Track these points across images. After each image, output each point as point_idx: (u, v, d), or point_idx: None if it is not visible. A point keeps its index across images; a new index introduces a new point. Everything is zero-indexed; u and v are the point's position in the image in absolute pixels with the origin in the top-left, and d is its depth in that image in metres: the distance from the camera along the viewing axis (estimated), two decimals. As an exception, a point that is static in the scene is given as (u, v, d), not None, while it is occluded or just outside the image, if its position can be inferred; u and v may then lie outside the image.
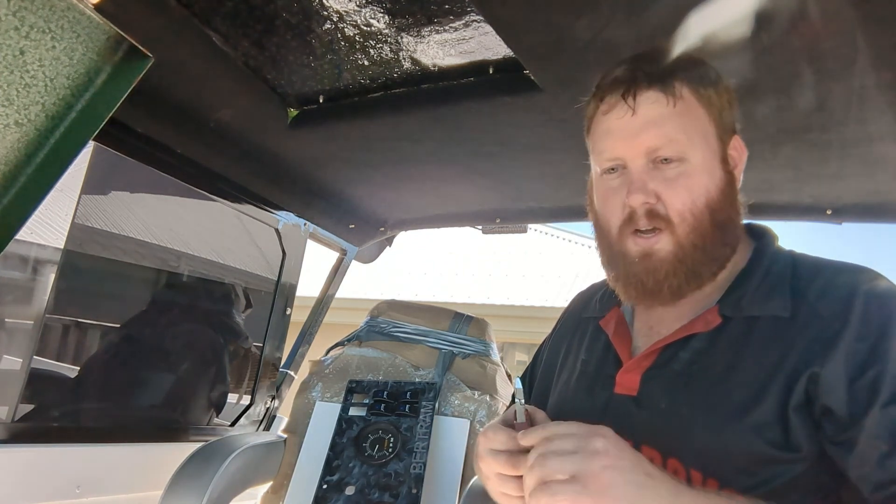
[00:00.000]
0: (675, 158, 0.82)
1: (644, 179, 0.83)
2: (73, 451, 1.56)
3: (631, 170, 0.84)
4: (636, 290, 0.86)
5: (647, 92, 0.83)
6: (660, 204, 0.82)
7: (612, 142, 0.86)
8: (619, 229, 0.86)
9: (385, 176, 1.84)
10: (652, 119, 0.83)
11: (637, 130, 0.83)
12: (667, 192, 0.82)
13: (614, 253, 0.87)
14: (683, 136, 0.82)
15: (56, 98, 0.87)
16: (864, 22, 0.94)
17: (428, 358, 1.99)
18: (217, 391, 2.10)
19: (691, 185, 0.82)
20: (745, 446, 0.75)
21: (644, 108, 0.83)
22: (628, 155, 0.84)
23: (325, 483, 1.71)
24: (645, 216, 0.83)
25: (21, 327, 1.61)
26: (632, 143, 0.83)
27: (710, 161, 0.84)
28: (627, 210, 0.84)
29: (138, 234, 1.85)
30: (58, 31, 0.84)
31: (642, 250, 0.83)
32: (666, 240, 0.82)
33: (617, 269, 0.88)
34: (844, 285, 0.79)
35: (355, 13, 1.16)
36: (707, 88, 0.85)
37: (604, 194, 0.89)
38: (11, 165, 0.86)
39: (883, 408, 0.70)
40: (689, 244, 0.82)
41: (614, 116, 0.85)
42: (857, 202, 1.60)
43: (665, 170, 0.82)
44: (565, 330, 1.09)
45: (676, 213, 0.82)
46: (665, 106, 0.83)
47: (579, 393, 0.94)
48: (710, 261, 0.84)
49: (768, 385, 0.76)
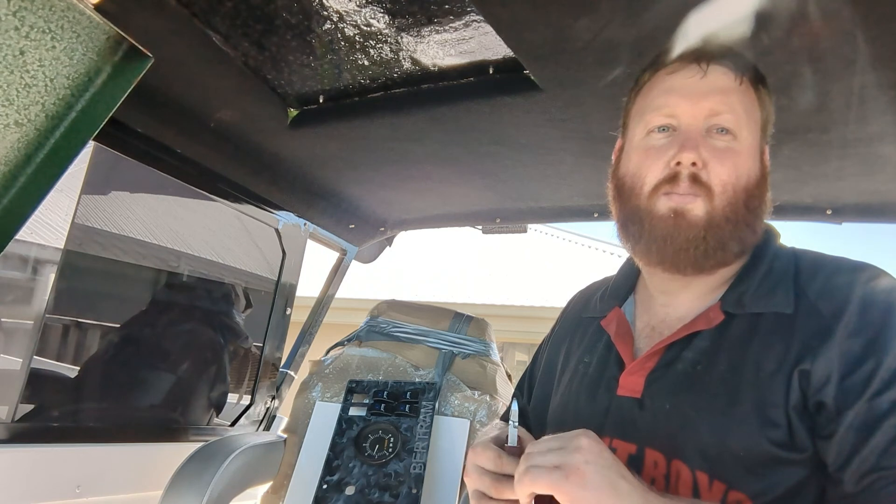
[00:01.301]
0: (730, 130, 0.83)
1: (698, 140, 0.82)
2: (73, 451, 1.56)
3: (685, 130, 0.84)
4: (659, 250, 0.84)
5: (719, 65, 0.85)
6: (704, 171, 0.82)
7: (674, 98, 0.85)
8: (654, 187, 0.84)
9: (385, 176, 1.84)
10: (720, 86, 0.84)
11: (704, 92, 0.84)
12: (714, 161, 0.82)
13: (641, 211, 0.85)
14: (743, 112, 0.84)
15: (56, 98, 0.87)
16: (864, 22, 0.94)
17: (428, 358, 1.99)
18: (217, 391, 2.10)
19: (738, 162, 0.83)
20: (751, 447, 0.74)
21: (714, 76, 0.84)
22: (689, 113, 0.84)
23: (325, 483, 1.71)
24: (688, 179, 0.82)
25: (21, 327, 1.61)
26: (695, 103, 0.83)
27: (755, 148, 0.85)
28: (670, 170, 0.83)
29: (138, 234, 1.85)
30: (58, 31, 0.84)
31: (676, 207, 0.82)
32: (701, 205, 0.82)
33: (641, 227, 0.86)
34: (844, 282, 0.79)
35: (355, 13, 1.16)
36: (763, 88, 0.88)
37: (644, 152, 0.86)
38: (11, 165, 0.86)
39: (869, 400, 0.71)
40: (721, 216, 0.82)
41: (682, 76, 0.86)
42: (856, 202, 1.60)
43: (717, 139, 0.83)
44: (564, 331, 1.09)
45: (720, 182, 0.81)
46: (733, 80, 0.84)
47: (581, 395, 0.94)
48: (737, 239, 0.83)
49: (772, 383, 0.76)
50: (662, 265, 0.87)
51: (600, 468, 0.70)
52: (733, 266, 0.87)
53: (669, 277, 0.89)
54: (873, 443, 0.69)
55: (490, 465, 0.82)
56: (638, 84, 0.92)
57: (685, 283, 0.89)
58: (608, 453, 0.73)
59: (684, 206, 0.82)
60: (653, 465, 0.81)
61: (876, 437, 0.69)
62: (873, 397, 0.70)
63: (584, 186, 1.74)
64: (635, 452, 0.83)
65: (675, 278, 0.88)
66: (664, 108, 0.86)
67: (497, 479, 0.81)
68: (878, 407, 0.70)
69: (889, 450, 0.69)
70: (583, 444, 0.72)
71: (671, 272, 0.87)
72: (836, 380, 0.72)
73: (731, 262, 0.86)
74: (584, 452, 0.71)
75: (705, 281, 0.88)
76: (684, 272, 0.86)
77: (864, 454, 0.70)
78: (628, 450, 0.84)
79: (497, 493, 0.80)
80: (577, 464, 0.70)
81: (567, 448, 0.72)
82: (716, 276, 0.87)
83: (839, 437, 0.71)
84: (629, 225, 0.88)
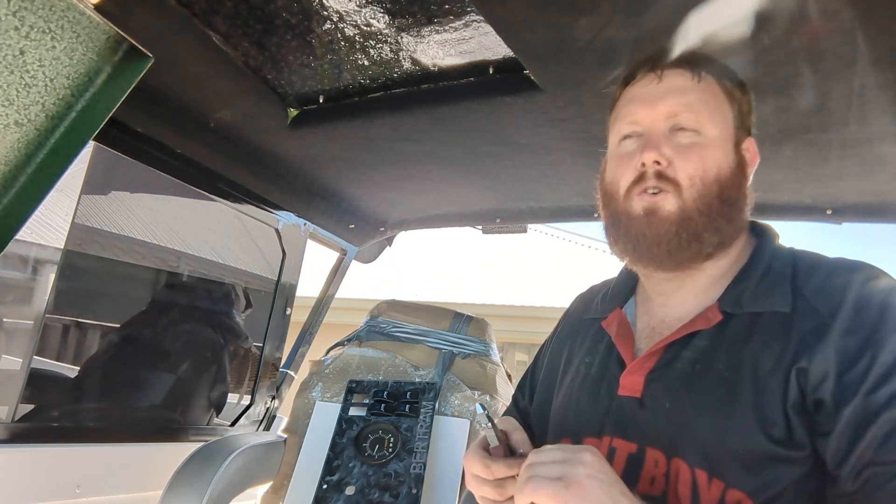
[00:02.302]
0: (691, 128, 0.85)
1: (659, 140, 0.85)
2: (73, 451, 1.56)
3: (647, 133, 0.87)
4: (635, 247, 0.87)
5: (676, 68, 0.88)
6: (670, 168, 0.84)
7: (634, 106, 0.89)
8: (627, 189, 0.87)
9: (385, 176, 1.84)
10: (676, 87, 0.87)
11: (660, 95, 0.87)
12: (679, 158, 0.84)
13: (619, 212, 0.89)
14: (704, 108, 0.85)
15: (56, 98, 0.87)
16: (864, 22, 0.94)
17: (428, 358, 1.99)
18: (217, 391, 2.10)
19: (704, 155, 0.84)
20: (750, 445, 0.75)
21: (670, 79, 0.87)
22: (648, 117, 0.87)
23: (325, 483, 1.71)
24: (654, 176, 0.84)
25: (21, 327, 1.61)
26: (653, 107, 0.87)
27: (725, 141, 0.87)
28: (638, 172, 0.86)
29: (138, 234, 1.85)
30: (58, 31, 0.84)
31: (647, 206, 0.85)
32: (671, 200, 0.84)
33: (619, 228, 0.89)
34: (840, 282, 0.79)
35: (355, 13, 1.16)
36: (730, 82, 0.89)
37: (618, 160, 0.90)
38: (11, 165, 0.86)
39: (865, 395, 0.71)
40: (693, 209, 0.83)
41: (640, 85, 0.89)
42: (856, 202, 1.60)
43: (681, 137, 0.85)
44: (566, 332, 1.09)
45: (687, 176, 0.83)
46: (690, 80, 0.87)
47: (583, 396, 0.94)
48: (714, 230, 0.85)
49: (770, 382, 0.76)
50: (641, 262, 0.90)
51: (602, 483, 0.71)
52: (728, 264, 0.88)
53: (662, 277, 0.90)
54: (869, 438, 0.70)
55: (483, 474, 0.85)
56: (613, 99, 0.96)
57: (679, 283, 0.89)
58: (610, 470, 0.74)
59: (655, 205, 0.84)
60: (653, 464, 0.81)
61: (872, 432, 0.70)
62: (869, 393, 0.71)
63: (584, 186, 1.74)
64: (636, 452, 0.83)
65: (668, 277, 0.90)
66: (628, 116, 0.90)
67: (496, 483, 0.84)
68: (875, 402, 0.70)
69: (885, 444, 0.69)
70: (586, 458, 0.73)
71: (653, 269, 0.90)
72: (833, 377, 0.73)
73: (714, 256, 0.87)
74: (587, 466, 0.72)
75: (698, 279, 0.88)
76: (665, 267, 0.88)
77: (860, 449, 0.70)
78: (629, 449, 0.84)
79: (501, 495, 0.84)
80: (579, 477, 0.71)
81: (570, 461, 0.73)
82: (708, 273, 0.88)
83: (837, 433, 0.72)
84: (610, 227, 0.91)
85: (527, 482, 0.73)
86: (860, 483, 0.70)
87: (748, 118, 0.91)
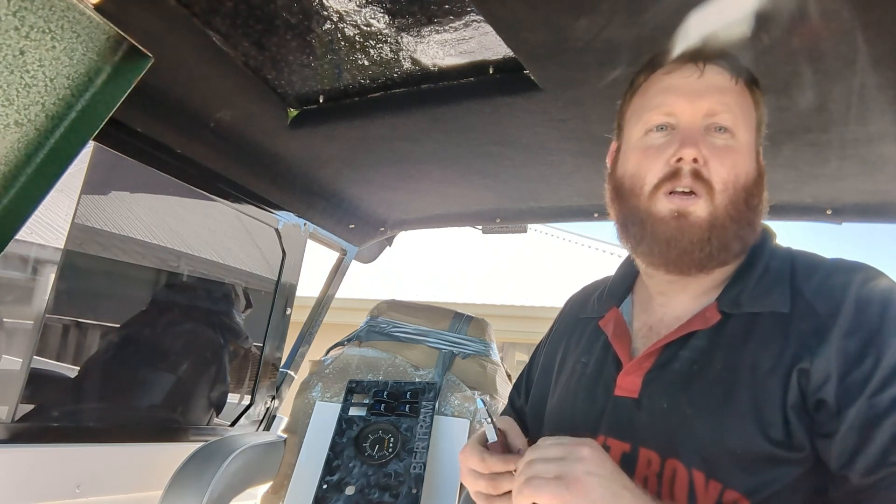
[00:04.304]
0: (728, 129, 0.83)
1: (697, 137, 0.82)
2: (73, 451, 1.56)
3: (685, 128, 0.84)
4: (661, 252, 0.84)
5: (716, 65, 0.85)
6: (705, 168, 0.82)
7: (672, 97, 0.85)
8: (655, 186, 0.84)
9: (385, 176, 1.84)
10: (717, 85, 0.84)
11: (701, 91, 0.84)
12: (714, 159, 0.82)
13: (641, 212, 0.85)
14: (739, 111, 0.84)
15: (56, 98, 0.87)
16: (864, 22, 0.94)
17: (428, 358, 1.99)
18: (217, 391, 2.10)
19: (736, 160, 0.83)
20: (748, 445, 0.74)
21: (711, 75, 0.85)
22: (687, 111, 0.84)
23: (325, 483, 1.71)
24: (690, 175, 0.81)
25: (21, 327, 1.61)
26: (693, 102, 0.84)
27: (752, 148, 0.86)
28: (670, 168, 0.82)
29: (138, 234, 1.85)
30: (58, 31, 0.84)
31: (677, 209, 0.81)
32: (703, 205, 0.81)
33: (642, 229, 0.85)
34: (840, 282, 0.79)
35: (355, 13, 1.16)
36: (757, 90, 0.88)
37: (643, 151, 0.86)
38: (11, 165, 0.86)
39: (869, 398, 0.71)
40: (724, 215, 0.81)
41: (679, 76, 0.86)
42: (856, 202, 1.60)
43: (716, 138, 0.83)
44: (562, 332, 1.09)
45: (720, 180, 0.81)
46: (729, 80, 0.85)
47: (579, 395, 0.94)
48: (740, 238, 0.84)
49: (769, 382, 0.76)
50: (666, 267, 0.86)
51: (603, 479, 0.70)
52: (730, 266, 0.87)
53: (670, 279, 0.89)
54: (878, 440, 0.69)
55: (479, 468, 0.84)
56: (633, 86, 0.92)
57: (684, 285, 0.89)
58: (611, 463, 0.73)
59: (686, 208, 0.81)
60: (646, 464, 0.81)
61: (879, 435, 0.69)
62: (873, 395, 0.71)
63: (584, 186, 1.74)
64: (629, 451, 0.83)
65: (676, 279, 0.88)
66: (662, 106, 0.85)
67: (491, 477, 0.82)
68: (880, 404, 0.70)
69: (894, 446, 0.69)
70: (585, 453, 0.72)
71: (674, 274, 0.87)
72: (835, 378, 0.73)
73: (731, 262, 0.86)
74: (586, 462, 0.71)
75: (702, 282, 0.88)
76: (688, 273, 0.86)
77: (868, 451, 0.70)
78: (622, 448, 0.84)
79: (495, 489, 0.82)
80: (578, 474, 0.70)
81: (569, 458, 0.72)
82: (713, 276, 0.87)
83: (841, 435, 0.71)
84: (629, 226, 0.88)
85: (526, 483, 0.72)
86: (869, 484, 0.70)
87: (763, 128, 0.90)
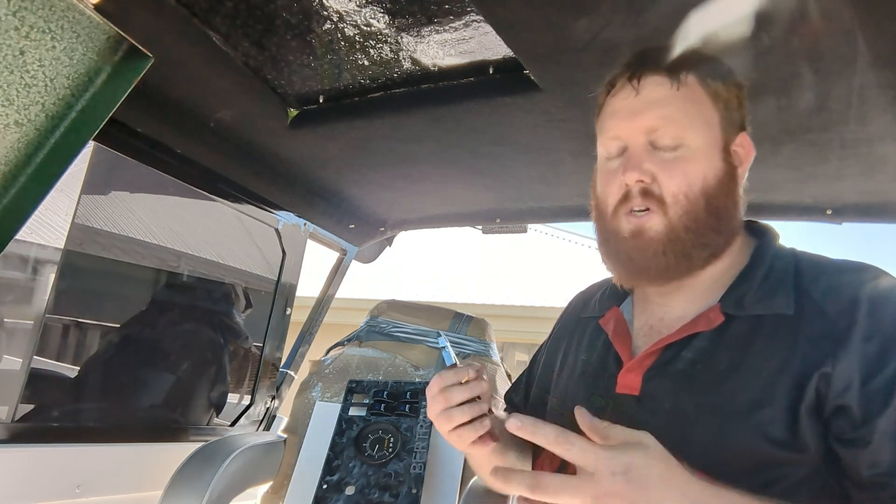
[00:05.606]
0: (672, 144, 0.83)
1: (641, 158, 0.84)
2: (73, 451, 1.56)
3: (630, 150, 0.86)
4: (625, 267, 0.88)
5: (653, 76, 0.85)
6: (655, 184, 0.83)
7: (614, 121, 0.87)
8: (615, 209, 0.87)
9: (385, 176, 1.84)
10: (654, 100, 0.84)
11: (638, 110, 0.85)
12: (662, 174, 0.83)
13: (608, 232, 0.89)
14: (685, 118, 0.83)
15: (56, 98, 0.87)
16: (864, 22, 0.94)
17: (428, 358, 1.99)
18: (217, 391, 2.10)
19: (688, 169, 0.83)
20: (750, 447, 0.74)
21: (647, 90, 0.85)
22: (628, 134, 0.86)
23: (325, 483, 1.71)
24: (639, 195, 0.84)
25: (21, 327, 1.61)
26: (632, 123, 0.85)
27: (711, 149, 0.84)
28: (623, 189, 0.85)
29: (138, 234, 1.85)
30: (58, 31, 0.84)
31: (634, 228, 0.84)
32: (657, 220, 0.83)
33: (609, 248, 0.90)
34: (849, 283, 0.79)
35: (355, 13, 1.16)
36: (714, 80, 0.86)
37: (605, 178, 0.90)
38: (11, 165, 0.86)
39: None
40: (680, 226, 0.83)
41: (619, 98, 0.87)
42: (856, 202, 1.60)
43: (663, 153, 0.84)
44: (564, 331, 1.09)
45: (671, 194, 0.82)
46: (668, 89, 0.84)
47: (580, 393, 0.94)
48: (702, 245, 0.84)
49: (774, 385, 0.75)
50: (632, 281, 0.91)
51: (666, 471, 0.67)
52: (726, 265, 0.87)
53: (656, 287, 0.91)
54: None
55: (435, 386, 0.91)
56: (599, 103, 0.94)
57: (676, 287, 0.89)
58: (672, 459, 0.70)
59: (642, 227, 0.84)
60: None
61: None
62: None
63: (584, 186, 1.72)
64: None
65: (663, 285, 0.90)
66: (610, 131, 0.89)
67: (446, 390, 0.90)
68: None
69: None
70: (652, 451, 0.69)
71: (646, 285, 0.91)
72: (857, 384, 0.72)
73: (706, 265, 0.86)
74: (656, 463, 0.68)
75: (696, 283, 0.88)
76: (656, 283, 0.89)
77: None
78: None
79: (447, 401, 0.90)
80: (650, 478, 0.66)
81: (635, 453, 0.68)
82: (707, 277, 0.87)
83: (875, 445, 0.71)
84: (602, 244, 0.92)
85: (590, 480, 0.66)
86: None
87: (738, 113, 0.88)
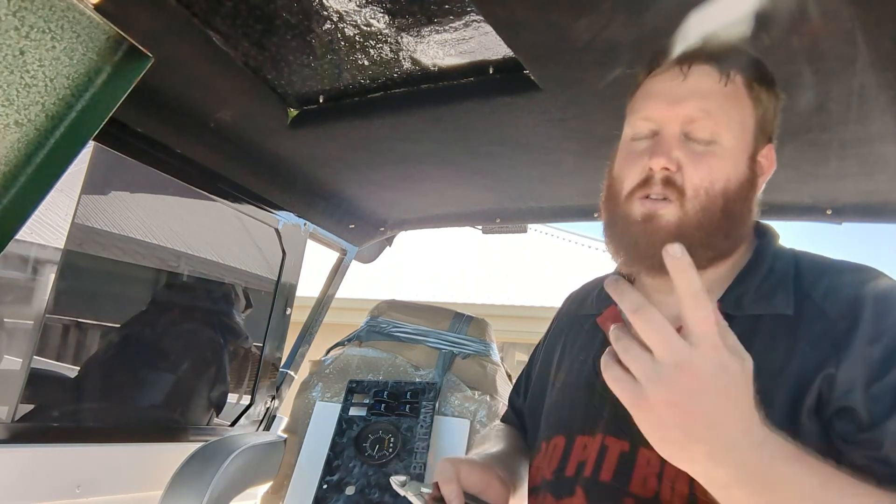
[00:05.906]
0: (706, 139, 0.81)
1: (671, 145, 0.81)
2: (73, 451, 1.56)
3: (662, 135, 0.83)
4: (627, 252, 0.85)
5: (703, 65, 0.83)
6: (678, 174, 0.81)
7: (652, 102, 0.85)
8: (631, 191, 0.84)
9: (385, 176, 1.84)
10: (699, 90, 0.82)
11: (682, 96, 0.82)
12: (689, 165, 0.81)
13: (617, 214, 0.86)
14: (724, 116, 0.82)
15: (56, 98, 0.87)
16: (864, 22, 0.94)
17: (428, 358, 1.99)
18: (217, 391, 2.10)
19: (715, 166, 0.81)
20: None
21: (694, 78, 0.83)
22: (665, 118, 0.83)
23: (325, 483, 1.71)
24: (660, 182, 0.81)
25: (21, 327, 1.61)
26: (672, 108, 0.83)
27: (740, 153, 0.83)
28: (645, 173, 0.83)
29: (138, 234, 1.85)
30: (58, 31, 0.84)
31: (647, 212, 0.82)
32: (673, 210, 0.81)
33: (615, 230, 0.87)
34: (850, 284, 0.78)
35: (355, 13, 1.16)
36: (760, 85, 0.85)
37: (626, 157, 0.87)
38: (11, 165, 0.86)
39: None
40: (694, 221, 0.81)
41: (663, 79, 0.85)
42: (856, 202, 1.60)
43: (695, 144, 0.82)
44: (560, 329, 1.09)
45: (692, 186, 0.80)
46: (716, 83, 0.82)
47: (578, 392, 0.93)
48: (709, 245, 0.83)
49: (774, 386, 0.75)
50: (634, 267, 0.87)
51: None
52: (727, 266, 0.87)
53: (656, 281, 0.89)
54: None
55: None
56: (635, 85, 0.92)
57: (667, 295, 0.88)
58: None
59: (655, 212, 0.81)
60: (645, 464, 0.80)
61: None
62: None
63: (584, 186, 1.74)
64: (628, 451, 0.82)
65: (664, 281, 0.88)
66: (644, 111, 0.86)
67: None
68: None
69: None
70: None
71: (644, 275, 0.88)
72: (861, 387, 0.72)
73: (707, 266, 0.85)
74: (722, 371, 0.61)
75: None
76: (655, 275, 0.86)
77: None
78: (621, 447, 0.83)
79: None
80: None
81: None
82: (707, 276, 0.86)
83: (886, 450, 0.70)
84: (608, 227, 0.89)
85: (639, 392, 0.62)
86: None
87: (772, 123, 0.88)
